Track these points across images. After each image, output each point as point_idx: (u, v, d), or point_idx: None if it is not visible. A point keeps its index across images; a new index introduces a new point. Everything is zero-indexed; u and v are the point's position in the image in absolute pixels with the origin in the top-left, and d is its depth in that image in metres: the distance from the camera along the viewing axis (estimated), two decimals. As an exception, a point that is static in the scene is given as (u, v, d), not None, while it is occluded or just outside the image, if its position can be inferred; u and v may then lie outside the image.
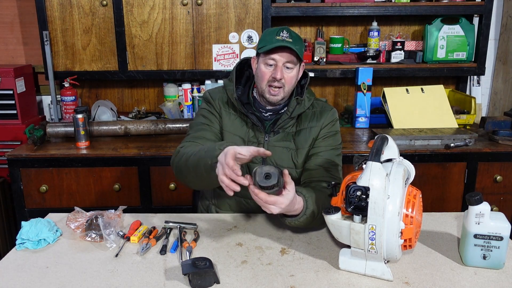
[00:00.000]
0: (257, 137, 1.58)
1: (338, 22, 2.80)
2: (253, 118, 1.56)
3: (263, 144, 1.57)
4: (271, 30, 1.50)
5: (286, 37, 1.45)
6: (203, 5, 2.47)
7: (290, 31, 1.48)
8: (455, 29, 2.61)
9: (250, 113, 1.56)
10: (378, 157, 1.12)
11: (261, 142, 1.57)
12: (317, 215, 1.34)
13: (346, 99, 2.91)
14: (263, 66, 1.51)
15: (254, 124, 1.57)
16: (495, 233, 1.17)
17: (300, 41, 1.50)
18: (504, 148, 2.27)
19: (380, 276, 1.16)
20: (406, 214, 1.12)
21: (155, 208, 2.28)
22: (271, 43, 1.46)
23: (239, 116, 1.60)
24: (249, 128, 1.58)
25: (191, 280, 1.13)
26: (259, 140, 1.57)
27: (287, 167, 1.54)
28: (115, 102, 2.85)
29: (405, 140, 2.30)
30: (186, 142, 1.53)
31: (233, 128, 1.59)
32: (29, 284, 1.16)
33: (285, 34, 1.46)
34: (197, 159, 1.34)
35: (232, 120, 1.59)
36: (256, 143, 1.57)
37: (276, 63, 1.48)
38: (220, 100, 1.61)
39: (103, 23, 2.49)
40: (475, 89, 2.90)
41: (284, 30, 1.47)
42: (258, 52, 1.52)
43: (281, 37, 1.45)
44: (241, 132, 1.58)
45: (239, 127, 1.59)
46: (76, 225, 1.40)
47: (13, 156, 2.22)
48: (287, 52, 1.47)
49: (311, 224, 1.36)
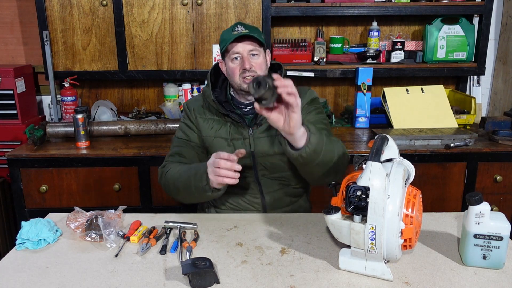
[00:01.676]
0: (241, 132, 1.60)
1: (338, 22, 2.81)
2: (233, 115, 1.58)
3: (248, 138, 1.59)
4: (226, 30, 1.57)
5: (241, 30, 1.52)
6: (203, 5, 2.47)
7: (244, 24, 1.55)
8: (455, 29, 2.61)
9: (229, 112, 1.59)
10: (378, 157, 1.12)
11: (246, 136, 1.59)
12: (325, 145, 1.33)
13: (346, 99, 2.91)
14: (230, 63, 1.56)
15: (235, 121, 1.59)
16: (495, 233, 1.17)
17: (257, 30, 1.56)
18: (504, 148, 2.27)
19: (380, 276, 1.16)
20: (406, 214, 1.12)
21: (155, 208, 2.28)
22: (229, 39, 1.52)
23: (218, 117, 1.63)
24: (230, 126, 1.61)
25: (191, 280, 1.13)
26: (243, 135, 1.60)
27: (278, 153, 1.57)
28: (115, 102, 2.85)
29: (405, 140, 2.30)
30: (168, 162, 1.60)
31: (213, 132, 1.62)
32: (29, 284, 1.16)
33: (240, 28, 1.53)
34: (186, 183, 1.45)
35: (211, 124, 1.63)
36: (241, 138, 1.59)
37: (241, 54, 1.54)
38: (197, 108, 1.66)
39: (103, 23, 2.49)
40: (475, 89, 2.90)
41: (238, 24, 1.54)
42: (223, 53, 1.59)
43: (237, 31, 1.52)
44: (222, 133, 1.61)
45: (219, 129, 1.62)
46: (76, 225, 1.40)
47: (13, 156, 2.22)
48: (247, 41, 1.53)
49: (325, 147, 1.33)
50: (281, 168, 1.61)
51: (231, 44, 1.53)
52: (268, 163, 1.60)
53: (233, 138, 1.60)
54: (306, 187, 1.74)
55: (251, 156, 1.59)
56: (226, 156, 1.31)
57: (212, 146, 1.62)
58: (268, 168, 1.61)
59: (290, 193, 1.67)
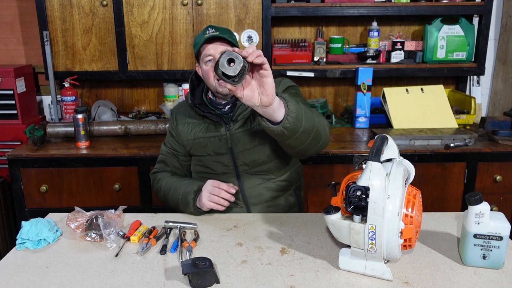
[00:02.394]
0: (218, 130, 1.62)
1: (338, 22, 2.81)
2: (210, 116, 1.61)
3: (225, 135, 1.61)
4: (198, 34, 1.60)
5: (212, 32, 1.54)
6: (203, 5, 2.48)
7: (215, 26, 1.57)
8: (455, 29, 2.61)
9: (207, 113, 1.62)
10: (378, 157, 1.12)
11: (222, 133, 1.61)
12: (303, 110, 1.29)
13: (346, 99, 2.91)
14: (204, 66, 1.58)
15: (213, 121, 1.62)
16: (495, 233, 1.17)
17: (228, 31, 1.58)
18: (504, 148, 2.27)
19: (380, 276, 1.16)
20: (406, 214, 1.12)
21: (155, 208, 2.28)
22: (200, 41, 1.55)
23: (197, 120, 1.66)
24: (207, 126, 1.64)
25: (191, 280, 1.14)
26: (220, 132, 1.62)
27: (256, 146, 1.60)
28: (115, 102, 2.85)
29: (405, 140, 2.30)
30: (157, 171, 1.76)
31: (192, 135, 1.67)
32: (29, 284, 1.16)
33: (210, 30, 1.55)
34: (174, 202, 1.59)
35: (189, 128, 1.67)
36: (218, 135, 1.62)
37: (213, 56, 1.55)
38: (179, 114, 1.71)
39: (103, 23, 2.49)
40: (475, 89, 2.90)
41: (208, 27, 1.56)
42: (196, 57, 1.62)
43: (208, 34, 1.54)
44: (199, 134, 1.65)
45: (196, 131, 1.66)
46: (76, 225, 1.40)
47: (13, 156, 2.22)
48: (218, 42, 1.55)
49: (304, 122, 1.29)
50: (261, 161, 1.62)
51: (202, 46, 1.56)
52: (248, 158, 1.62)
53: (210, 136, 1.63)
54: (291, 181, 1.71)
55: (230, 153, 1.62)
56: (225, 188, 1.48)
57: (193, 148, 1.68)
58: (248, 163, 1.62)
59: (272, 188, 1.66)
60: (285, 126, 1.24)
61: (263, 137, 1.59)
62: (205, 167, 1.69)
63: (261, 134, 1.59)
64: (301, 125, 1.28)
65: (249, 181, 1.64)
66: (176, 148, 1.72)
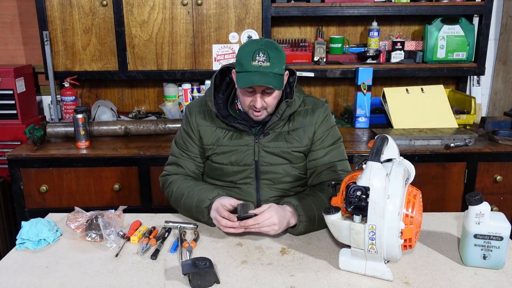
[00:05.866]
0: (246, 140, 1.53)
1: (338, 22, 2.80)
2: (238, 126, 1.51)
3: (253, 147, 1.53)
4: (248, 51, 1.39)
5: (262, 62, 1.36)
6: (203, 5, 2.47)
7: (266, 51, 1.37)
8: (455, 29, 2.61)
9: (234, 123, 1.51)
10: (378, 157, 1.12)
11: (250, 145, 1.53)
12: (316, 218, 1.40)
13: (346, 99, 2.91)
14: (241, 90, 1.44)
15: (239, 129, 1.53)
16: (495, 233, 1.17)
17: (279, 59, 1.39)
18: (504, 148, 2.27)
19: (380, 276, 1.16)
20: (406, 214, 1.12)
21: (155, 208, 2.28)
22: (247, 70, 1.38)
23: (220, 125, 1.55)
24: (232, 133, 1.54)
25: (191, 280, 1.14)
26: (248, 143, 1.53)
27: (284, 165, 1.55)
28: (115, 102, 2.85)
29: (405, 140, 2.30)
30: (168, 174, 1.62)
31: (214, 140, 1.55)
32: (29, 284, 1.16)
33: (261, 58, 1.36)
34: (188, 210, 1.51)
35: (212, 132, 1.55)
36: (244, 145, 1.53)
37: (255, 90, 1.42)
38: (199, 115, 1.57)
39: (103, 23, 2.49)
40: (475, 89, 2.90)
41: (260, 52, 1.36)
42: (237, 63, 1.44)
43: (257, 63, 1.36)
44: (223, 141, 1.54)
45: (220, 137, 1.54)
46: (76, 225, 1.40)
47: (13, 156, 2.22)
48: (263, 87, 1.41)
49: (315, 228, 1.44)
50: (284, 180, 1.56)
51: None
52: (272, 173, 1.55)
53: (235, 145, 1.53)
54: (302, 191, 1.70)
55: (254, 165, 1.54)
56: (226, 216, 1.37)
57: (213, 155, 1.57)
58: (270, 178, 1.55)
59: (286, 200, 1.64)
60: (293, 233, 1.42)
61: (293, 158, 1.55)
62: (222, 175, 1.58)
63: (291, 155, 1.54)
64: (313, 228, 1.43)
65: (267, 193, 1.56)
66: (194, 150, 1.59)
